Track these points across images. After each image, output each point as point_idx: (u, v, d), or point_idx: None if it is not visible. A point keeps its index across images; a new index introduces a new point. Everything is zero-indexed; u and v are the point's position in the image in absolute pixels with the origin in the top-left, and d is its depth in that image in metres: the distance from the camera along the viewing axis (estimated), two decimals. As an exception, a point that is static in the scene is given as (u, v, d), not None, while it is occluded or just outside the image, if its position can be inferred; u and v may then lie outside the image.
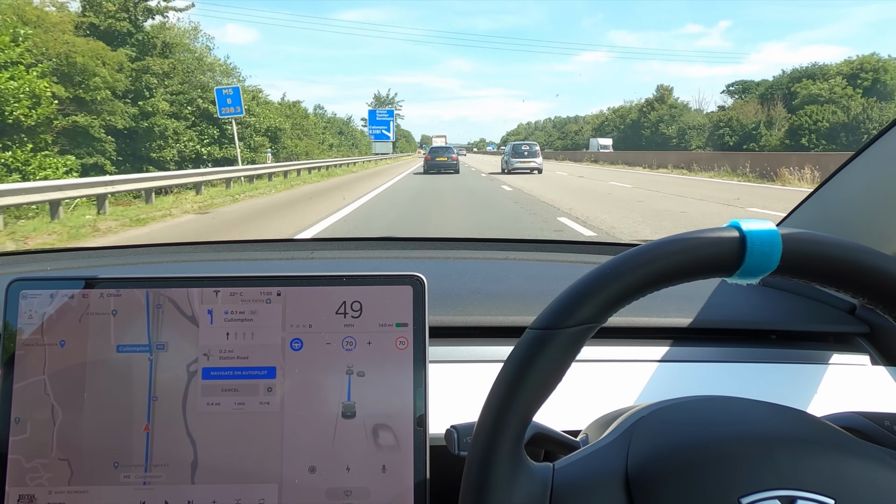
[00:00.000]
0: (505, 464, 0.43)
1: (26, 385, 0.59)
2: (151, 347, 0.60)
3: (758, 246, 0.41)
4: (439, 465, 0.63)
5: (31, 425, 0.59)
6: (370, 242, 1.33)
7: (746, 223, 0.41)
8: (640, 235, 8.12)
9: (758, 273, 0.41)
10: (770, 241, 0.41)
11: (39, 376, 0.59)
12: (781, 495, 0.41)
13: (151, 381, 0.60)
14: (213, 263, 1.20)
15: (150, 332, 0.61)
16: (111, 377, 0.60)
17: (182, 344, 0.60)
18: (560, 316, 0.42)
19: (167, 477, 0.59)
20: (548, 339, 0.42)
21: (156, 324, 0.61)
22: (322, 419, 0.60)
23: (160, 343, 0.60)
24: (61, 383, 0.59)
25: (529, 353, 0.43)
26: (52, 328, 0.60)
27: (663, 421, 0.49)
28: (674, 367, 0.80)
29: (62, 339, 0.60)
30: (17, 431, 0.59)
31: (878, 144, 0.84)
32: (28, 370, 0.59)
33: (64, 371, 0.60)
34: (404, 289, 0.62)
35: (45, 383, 0.59)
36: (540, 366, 0.42)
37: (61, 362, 0.60)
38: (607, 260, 0.43)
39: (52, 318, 0.60)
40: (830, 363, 0.81)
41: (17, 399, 0.59)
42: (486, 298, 0.90)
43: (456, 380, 0.76)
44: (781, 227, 0.42)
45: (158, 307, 0.61)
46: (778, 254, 0.41)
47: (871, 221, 0.85)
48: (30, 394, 0.59)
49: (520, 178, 21.68)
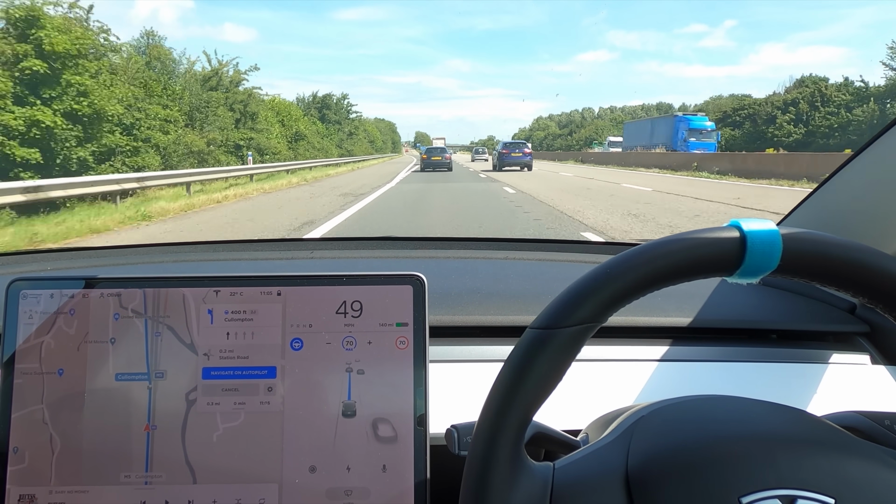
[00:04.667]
0: (505, 464, 0.43)
1: (25, 414, 0.59)
2: (150, 376, 0.60)
3: (758, 245, 0.41)
4: (439, 464, 0.63)
5: (29, 454, 0.58)
6: (370, 242, 1.33)
7: (746, 222, 0.41)
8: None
9: (758, 272, 0.41)
10: (770, 240, 0.41)
11: (38, 405, 0.59)
12: (782, 494, 0.41)
13: (150, 409, 0.59)
14: (214, 263, 1.20)
15: (148, 361, 0.60)
16: (110, 405, 0.59)
17: (181, 372, 0.60)
18: (560, 315, 0.42)
19: (167, 477, 0.59)
20: (548, 338, 0.42)
21: (154, 352, 0.60)
22: (322, 419, 0.60)
23: (159, 371, 0.60)
24: (60, 412, 0.59)
25: (529, 352, 0.42)
26: (50, 356, 0.60)
27: (663, 420, 0.49)
28: (674, 367, 0.80)
29: (60, 368, 0.60)
30: (16, 461, 0.58)
31: (878, 144, 0.84)
32: (27, 399, 0.59)
33: (62, 400, 0.59)
34: (404, 288, 0.62)
35: (43, 412, 0.59)
36: (540, 365, 0.42)
37: (60, 391, 0.59)
38: (607, 259, 0.43)
39: (51, 345, 0.60)
40: (831, 363, 0.81)
41: (15, 428, 0.59)
42: (486, 298, 0.90)
43: (456, 379, 0.76)
44: (782, 226, 0.42)
45: (157, 335, 0.61)
46: (778, 253, 0.41)
47: (872, 221, 0.85)
48: (28, 423, 0.59)
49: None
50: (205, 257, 1.27)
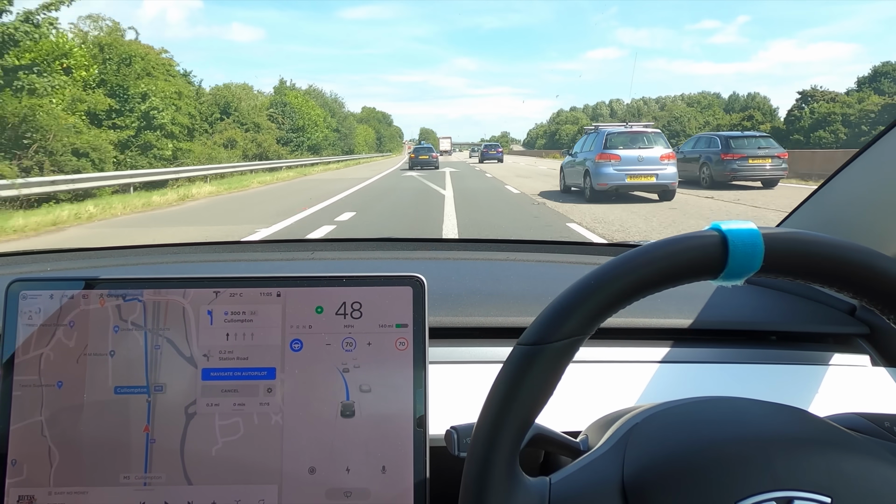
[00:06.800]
0: (501, 481, 0.43)
1: (23, 426, 0.59)
2: (149, 389, 0.60)
3: (740, 247, 0.41)
4: (439, 465, 0.63)
5: (27, 467, 0.58)
6: (370, 243, 1.33)
7: (727, 224, 0.42)
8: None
9: (742, 274, 0.42)
10: (752, 241, 0.41)
11: (37, 417, 0.59)
12: (778, 496, 0.41)
13: (150, 423, 0.59)
14: (213, 264, 1.20)
15: (148, 374, 0.60)
16: (108, 418, 0.59)
17: (181, 386, 0.60)
18: (548, 330, 0.42)
19: (167, 478, 0.59)
20: (536, 354, 0.42)
21: (154, 365, 0.60)
22: (322, 420, 0.60)
23: (158, 385, 0.60)
24: (58, 424, 0.59)
25: (519, 369, 0.43)
26: (49, 368, 0.59)
27: (657, 426, 0.49)
28: (674, 368, 0.80)
29: (60, 380, 0.59)
30: (14, 473, 0.58)
31: (878, 145, 0.84)
32: (25, 411, 0.59)
33: (61, 413, 0.59)
34: (404, 289, 0.62)
35: (42, 424, 0.59)
36: (530, 382, 0.42)
37: (58, 403, 0.59)
38: (591, 270, 0.43)
39: (50, 357, 0.60)
40: (830, 364, 0.81)
41: (13, 440, 0.58)
42: (485, 299, 0.90)
43: (456, 380, 0.76)
44: (762, 227, 0.42)
45: (157, 348, 0.60)
46: (760, 253, 0.41)
47: (872, 221, 0.85)
48: (26, 435, 0.59)
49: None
50: (204, 258, 1.27)
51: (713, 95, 68.00)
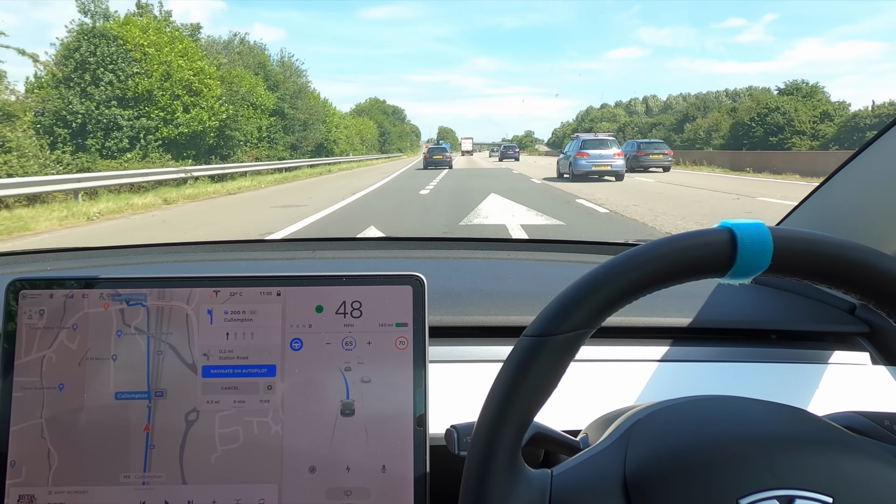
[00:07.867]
0: (503, 473, 0.43)
1: (23, 428, 0.59)
2: (150, 395, 0.60)
3: (749, 245, 0.41)
4: (439, 465, 0.63)
5: (26, 469, 0.58)
6: (370, 242, 1.33)
7: (737, 223, 0.42)
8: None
9: (750, 272, 0.41)
10: (761, 240, 0.41)
11: (37, 420, 0.59)
12: (779, 495, 0.41)
13: (150, 425, 0.59)
14: (213, 263, 1.20)
15: (149, 380, 0.60)
16: (109, 422, 0.59)
17: (181, 392, 0.60)
18: (554, 322, 0.42)
19: (167, 477, 0.59)
20: (542, 346, 0.42)
21: (156, 371, 0.60)
22: (322, 419, 0.60)
23: (159, 390, 0.60)
24: (58, 427, 0.59)
25: (524, 360, 0.43)
26: (51, 371, 0.59)
27: (660, 423, 0.49)
28: (674, 367, 0.80)
29: (61, 383, 0.59)
30: (13, 475, 0.58)
31: (878, 145, 0.83)
32: (26, 413, 0.59)
33: (61, 415, 0.59)
34: (404, 289, 0.62)
35: (42, 427, 0.59)
36: (534, 373, 0.42)
37: (59, 406, 0.59)
38: (600, 264, 0.43)
39: (52, 360, 0.60)
40: (830, 363, 0.81)
41: (13, 442, 0.58)
42: (486, 298, 0.90)
43: (456, 379, 0.76)
44: (772, 226, 0.42)
45: (159, 353, 0.60)
46: (769, 253, 0.41)
47: (872, 221, 0.85)
48: (26, 437, 0.58)
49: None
50: (204, 257, 1.27)
51: (761, 90, 65.69)
